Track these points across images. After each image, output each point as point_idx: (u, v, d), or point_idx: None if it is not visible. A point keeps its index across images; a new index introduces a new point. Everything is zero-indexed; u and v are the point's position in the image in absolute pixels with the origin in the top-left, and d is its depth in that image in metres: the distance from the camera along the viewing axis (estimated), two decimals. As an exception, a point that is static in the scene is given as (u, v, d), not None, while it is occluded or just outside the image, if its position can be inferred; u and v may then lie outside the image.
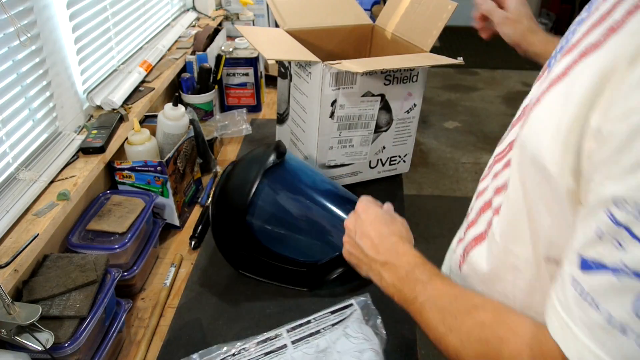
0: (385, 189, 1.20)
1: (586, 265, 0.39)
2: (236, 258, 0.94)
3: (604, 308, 0.37)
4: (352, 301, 0.83)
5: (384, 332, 0.76)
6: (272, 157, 0.93)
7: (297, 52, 1.08)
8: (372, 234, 0.69)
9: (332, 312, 0.81)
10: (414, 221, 2.82)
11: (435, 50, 1.12)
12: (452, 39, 4.62)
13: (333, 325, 0.79)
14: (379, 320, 0.78)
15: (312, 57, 1.04)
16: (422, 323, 0.58)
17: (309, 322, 0.80)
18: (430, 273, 0.61)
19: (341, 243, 0.77)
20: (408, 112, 1.16)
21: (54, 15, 0.99)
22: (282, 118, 1.28)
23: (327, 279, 0.92)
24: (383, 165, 1.23)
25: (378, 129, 1.15)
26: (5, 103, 0.87)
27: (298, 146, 1.21)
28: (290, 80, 1.18)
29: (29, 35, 0.89)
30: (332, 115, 1.07)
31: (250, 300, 0.91)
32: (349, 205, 0.99)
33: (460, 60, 1.03)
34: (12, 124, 0.89)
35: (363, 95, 1.08)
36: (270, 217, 0.92)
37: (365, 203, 0.76)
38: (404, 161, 1.26)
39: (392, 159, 1.24)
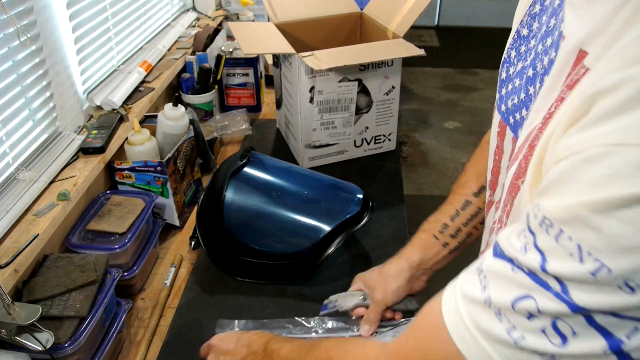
0: (385, 188, 1.20)
1: (496, 251, 0.41)
2: (230, 266, 0.95)
3: (488, 290, 0.40)
4: None
5: None
6: (236, 162, 0.96)
7: (276, 45, 1.17)
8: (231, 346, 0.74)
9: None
10: (414, 221, 2.81)
11: (435, 50, 1.16)
12: (452, 39, 4.62)
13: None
14: None
15: (288, 49, 1.13)
16: None
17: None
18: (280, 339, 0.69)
19: (320, 225, 0.90)
20: (387, 94, 1.23)
21: (54, 15, 0.99)
22: (279, 103, 1.38)
23: (318, 263, 0.92)
24: (368, 144, 1.29)
25: (359, 111, 1.22)
26: (5, 103, 0.87)
27: (290, 128, 1.29)
28: (280, 69, 1.27)
29: (29, 35, 0.89)
30: (311, 100, 1.15)
31: (251, 300, 0.91)
32: (325, 189, 1.00)
33: (422, 52, 1.10)
34: (12, 124, 0.89)
35: (340, 81, 1.15)
36: (247, 218, 0.94)
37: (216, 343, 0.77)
38: (389, 140, 1.32)
39: (377, 138, 1.29)
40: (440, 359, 0.44)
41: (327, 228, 0.92)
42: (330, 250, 0.91)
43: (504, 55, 0.61)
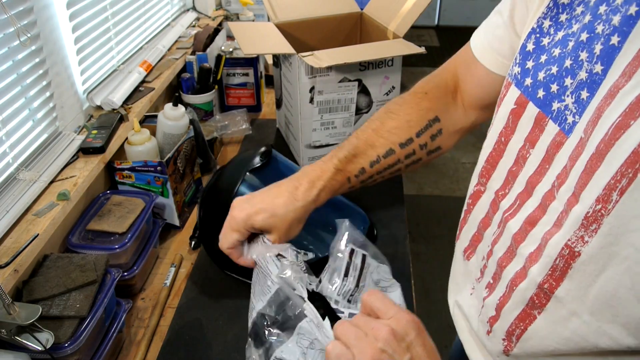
0: (385, 189, 1.20)
1: None
2: (221, 259, 0.94)
3: None
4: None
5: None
6: (257, 159, 0.95)
7: (276, 45, 1.17)
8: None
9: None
10: (414, 221, 2.82)
11: (435, 49, 1.16)
12: (452, 38, 4.62)
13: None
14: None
15: (288, 49, 1.13)
16: None
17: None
18: None
19: (323, 244, 0.85)
20: (387, 95, 1.23)
21: (54, 15, 0.99)
22: (279, 103, 1.38)
23: None
24: None
25: (359, 111, 1.22)
26: (5, 103, 0.87)
27: (290, 128, 1.29)
28: (280, 69, 1.28)
29: (29, 35, 0.89)
30: (311, 100, 1.15)
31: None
32: (335, 209, 0.98)
33: (422, 50, 1.10)
34: (12, 124, 0.89)
35: (340, 81, 1.15)
36: None
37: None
38: None
39: None
40: None
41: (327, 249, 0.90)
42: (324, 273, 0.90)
43: (531, 25, 0.56)
